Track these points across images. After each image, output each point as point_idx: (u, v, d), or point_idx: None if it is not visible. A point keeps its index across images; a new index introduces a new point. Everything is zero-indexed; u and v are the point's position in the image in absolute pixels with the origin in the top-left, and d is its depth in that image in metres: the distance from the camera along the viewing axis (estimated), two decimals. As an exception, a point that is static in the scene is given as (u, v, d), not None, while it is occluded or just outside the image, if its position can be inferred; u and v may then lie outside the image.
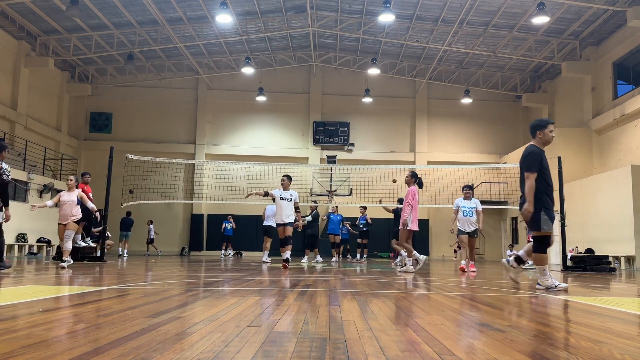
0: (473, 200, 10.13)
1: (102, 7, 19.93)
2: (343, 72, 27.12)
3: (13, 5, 19.32)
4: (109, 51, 23.08)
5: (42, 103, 23.67)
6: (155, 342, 2.19)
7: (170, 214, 25.50)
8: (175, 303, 3.78)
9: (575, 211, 18.36)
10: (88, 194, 12.78)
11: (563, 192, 12.64)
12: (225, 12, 18.08)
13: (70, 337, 2.30)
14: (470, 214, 9.93)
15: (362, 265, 12.56)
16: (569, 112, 23.14)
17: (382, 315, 3.29)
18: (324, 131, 26.83)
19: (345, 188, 23.81)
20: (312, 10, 21.67)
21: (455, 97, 26.75)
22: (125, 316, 2.96)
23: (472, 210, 9.96)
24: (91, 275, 7.07)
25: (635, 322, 3.37)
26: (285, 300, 4.05)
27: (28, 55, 22.00)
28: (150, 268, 9.76)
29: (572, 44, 21.45)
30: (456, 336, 2.55)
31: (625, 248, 16.30)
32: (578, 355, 2.09)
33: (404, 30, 22.18)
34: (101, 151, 23.66)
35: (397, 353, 2.08)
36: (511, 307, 4.04)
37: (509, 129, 27.40)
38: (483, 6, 19.56)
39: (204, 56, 25.35)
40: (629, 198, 16.21)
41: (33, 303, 3.71)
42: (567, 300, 4.87)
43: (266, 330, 2.58)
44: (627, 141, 19.00)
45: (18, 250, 18.91)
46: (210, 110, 27.02)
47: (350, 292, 5.07)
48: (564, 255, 12.52)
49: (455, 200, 10.28)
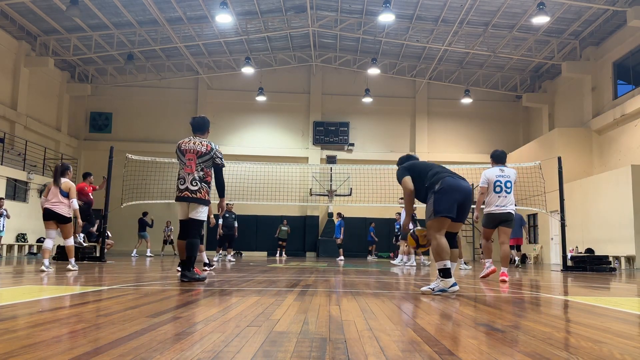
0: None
1: (102, 7, 19.93)
2: (343, 72, 27.12)
3: (13, 5, 19.32)
4: (109, 51, 23.08)
5: (42, 103, 23.67)
6: (155, 342, 2.19)
7: (171, 214, 25.48)
8: (175, 303, 3.78)
9: (575, 211, 18.35)
10: (88, 193, 12.79)
11: (563, 192, 12.62)
12: (225, 12, 18.08)
13: (70, 337, 2.30)
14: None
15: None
16: (569, 112, 23.14)
17: (382, 315, 3.29)
18: (324, 131, 26.84)
19: (345, 188, 23.82)
20: (312, 10, 21.67)
21: (455, 97, 26.75)
22: (125, 316, 2.96)
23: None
24: (91, 275, 7.07)
25: (635, 322, 3.37)
26: (285, 300, 4.05)
27: (28, 55, 22.00)
28: (150, 268, 9.75)
29: (572, 44, 21.45)
30: (456, 336, 2.55)
31: (625, 248, 16.30)
32: (578, 355, 2.09)
33: (404, 30, 22.17)
34: (101, 151, 23.65)
35: (397, 353, 2.08)
36: (511, 307, 4.04)
37: (509, 129, 27.42)
38: (483, 6, 19.55)
39: (204, 56, 25.35)
40: (629, 198, 16.21)
41: (33, 303, 3.71)
42: (567, 300, 4.87)
43: (266, 330, 2.58)
44: (627, 141, 18.99)
45: (18, 250, 18.91)
46: (210, 110, 27.00)
47: (350, 292, 5.07)
48: (564, 255, 12.51)
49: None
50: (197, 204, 5.87)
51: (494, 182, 7.33)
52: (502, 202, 7.29)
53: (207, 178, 5.92)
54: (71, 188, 8.35)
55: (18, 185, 19.08)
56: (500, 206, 7.31)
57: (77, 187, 13.00)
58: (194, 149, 5.92)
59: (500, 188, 7.30)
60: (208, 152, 5.94)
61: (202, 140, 6.04)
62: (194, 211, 5.89)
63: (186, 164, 5.89)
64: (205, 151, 5.93)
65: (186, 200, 5.86)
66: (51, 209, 8.16)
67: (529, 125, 27.15)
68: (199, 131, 6.17)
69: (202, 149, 5.92)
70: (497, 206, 7.31)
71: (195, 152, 5.90)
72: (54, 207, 8.18)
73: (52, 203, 8.19)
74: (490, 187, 7.37)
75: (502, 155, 7.62)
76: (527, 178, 15.75)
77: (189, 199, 5.85)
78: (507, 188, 7.31)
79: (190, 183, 5.85)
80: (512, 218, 7.41)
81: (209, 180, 5.95)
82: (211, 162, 5.94)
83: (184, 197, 5.85)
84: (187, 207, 5.91)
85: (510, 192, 7.33)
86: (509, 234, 7.47)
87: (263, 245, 25.13)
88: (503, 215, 7.32)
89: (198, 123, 6.19)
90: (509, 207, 7.32)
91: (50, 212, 8.17)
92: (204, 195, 5.89)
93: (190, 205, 5.90)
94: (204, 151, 5.92)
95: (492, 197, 7.35)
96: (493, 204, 7.33)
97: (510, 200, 7.34)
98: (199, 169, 5.87)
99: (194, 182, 5.84)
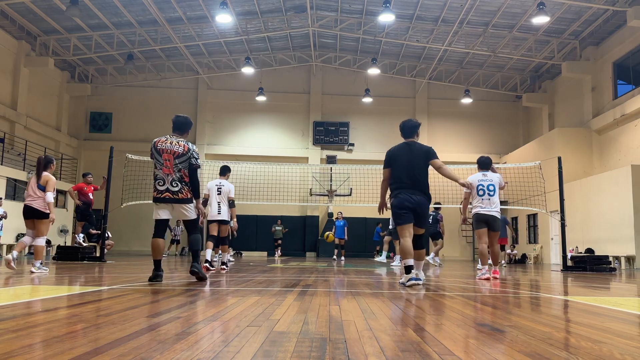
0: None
1: (102, 7, 19.94)
2: (343, 72, 27.12)
3: (13, 5, 19.32)
4: (109, 51, 23.08)
5: (42, 103, 23.68)
6: (155, 342, 2.19)
7: (170, 214, 25.52)
8: (175, 303, 3.78)
9: (575, 211, 18.35)
10: (88, 194, 12.79)
11: (563, 192, 12.62)
12: (225, 12, 18.08)
13: (70, 337, 2.29)
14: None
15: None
16: (569, 112, 23.14)
17: (382, 315, 3.29)
18: (324, 131, 26.85)
19: (345, 188, 23.81)
20: (312, 10, 21.67)
21: (455, 97, 26.75)
22: (125, 316, 2.96)
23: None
24: (91, 275, 7.06)
25: (635, 322, 3.37)
26: (285, 300, 4.05)
27: (28, 55, 22.01)
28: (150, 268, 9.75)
29: (572, 44, 21.44)
30: (456, 336, 2.55)
31: (625, 248, 16.30)
32: (578, 355, 2.09)
33: (404, 30, 22.17)
34: (101, 151, 23.67)
35: (397, 353, 2.08)
36: (511, 307, 4.04)
37: (509, 129, 27.42)
38: (483, 6, 19.55)
39: (204, 56, 25.35)
40: (629, 198, 16.20)
41: (33, 303, 3.71)
42: (567, 300, 4.87)
43: (266, 330, 2.58)
44: (627, 141, 18.99)
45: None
46: (210, 110, 27.03)
47: (350, 292, 5.07)
48: (564, 255, 12.51)
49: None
50: (182, 204, 5.87)
51: (476, 186, 7.91)
52: (486, 204, 7.86)
53: (185, 179, 5.88)
54: (49, 181, 7.72)
55: (18, 185, 19.08)
56: (485, 208, 7.86)
57: (76, 186, 13.03)
58: (171, 149, 5.83)
59: (483, 191, 7.88)
60: (185, 152, 5.85)
61: (180, 140, 5.94)
62: (182, 212, 5.91)
63: (164, 165, 5.82)
64: (182, 152, 5.84)
65: (169, 201, 5.83)
66: (29, 205, 7.60)
67: (529, 125, 27.15)
68: (178, 130, 6.06)
69: (179, 150, 5.83)
70: (481, 208, 7.88)
71: (172, 153, 5.81)
72: (31, 203, 7.60)
73: (31, 198, 7.61)
74: (473, 191, 7.96)
75: (486, 161, 8.18)
76: (527, 178, 15.76)
77: (172, 200, 5.82)
78: (490, 191, 7.86)
79: (171, 184, 5.80)
80: (497, 221, 7.92)
81: (187, 180, 5.89)
82: (187, 162, 5.84)
83: (165, 198, 5.82)
84: (170, 208, 5.91)
85: (494, 195, 7.88)
86: (497, 236, 8.03)
87: (263, 245, 25.12)
88: (489, 217, 7.83)
89: (179, 122, 6.09)
90: (494, 210, 7.86)
91: (29, 209, 7.61)
92: (186, 194, 5.86)
93: (175, 207, 5.89)
94: (180, 152, 5.83)
95: (476, 200, 7.94)
96: (478, 206, 7.91)
97: (495, 202, 7.89)
98: (176, 170, 5.80)
99: (174, 182, 5.79)
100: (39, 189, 7.65)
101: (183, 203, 5.85)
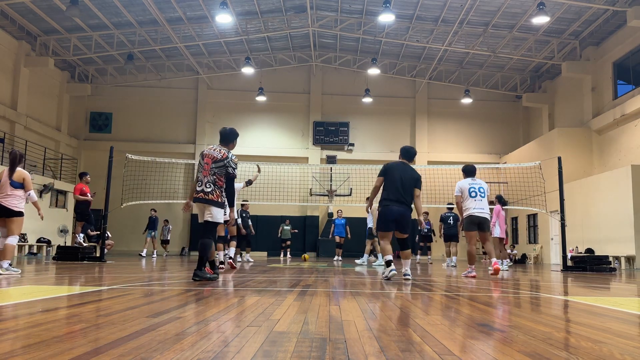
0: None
1: (102, 7, 19.94)
2: (343, 72, 27.13)
3: (13, 5, 19.32)
4: (109, 51, 23.08)
5: (42, 103, 23.67)
6: (155, 342, 2.19)
7: (170, 214, 25.48)
8: (175, 303, 3.78)
9: (575, 211, 18.35)
10: (86, 193, 12.79)
11: (563, 192, 12.62)
12: (225, 12, 18.08)
13: (70, 337, 2.29)
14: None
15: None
16: (569, 112, 23.14)
17: (382, 315, 3.29)
18: (324, 131, 26.85)
19: (345, 188, 23.81)
20: (312, 10, 21.67)
21: (455, 97, 26.75)
22: (125, 316, 2.96)
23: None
24: (91, 275, 7.07)
25: (635, 322, 3.37)
26: (285, 300, 4.05)
27: (28, 55, 22.00)
28: (150, 268, 9.75)
29: (572, 44, 21.44)
30: (456, 336, 2.55)
31: (625, 248, 16.29)
32: (578, 355, 2.09)
33: (404, 30, 22.18)
34: (101, 151, 23.68)
35: (397, 353, 2.08)
36: (511, 307, 4.04)
37: (509, 129, 27.42)
38: (483, 6, 19.55)
39: (204, 56, 25.35)
40: (629, 198, 16.20)
41: (33, 303, 3.71)
42: (567, 300, 4.87)
43: (266, 330, 2.58)
44: (627, 141, 18.99)
45: (18, 250, 18.91)
46: (210, 110, 27.03)
47: (350, 292, 5.07)
48: (564, 255, 12.51)
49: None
50: (210, 205, 6.10)
51: (467, 189, 8.42)
52: (479, 205, 8.34)
53: (218, 183, 6.15)
54: (26, 178, 7.24)
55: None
56: (479, 209, 8.31)
57: (78, 190, 12.98)
58: (212, 154, 6.22)
59: (475, 193, 8.37)
60: (222, 159, 6.19)
61: (222, 148, 6.32)
62: (207, 212, 6.13)
63: (203, 168, 6.20)
64: (220, 157, 6.20)
65: (200, 201, 6.13)
66: (1, 203, 7.06)
67: (529, 125, 27.15)
68: (223, 142, 6.45)
69: (218, 155, 6.20)
70: (475, 209, 8.30)
71: (212, 157, 6.19)
72: (2, 201, 7.06)
73: (2, 195, 7.08)
74: (465, 194, 8.42)
75: (472, 169, 8.76)
76: (527, 178, 15.76)
77: (202, 200, 6.11)
78: (481, 193, 8.39)
79: (205, 185, 6.13)
80: (488, 222, 8.48)
81: (220, 185, 6.17)
82: (224, 169, 6.18)
83: (199, 198, 6.12)
84: (202, 207, 6.17)
85: (484, 196, 8.37)
86: (488, 236, 8.59)
87: (263, 245, 25.08)
88: (482, 218, 8.30)
89: (225, 134, 6.48)
90: (485, 212, 8.36)
91: (0, 207, 7.09)
92: (217, 197, 6.11)
93: (205, 207, 6.15)
94: (219, 157, 6.19)
95: (469, 202, 8.36)
96: (472, 207, 8.31)
97: (486, 204, 8.38)
98: (211, 173, 6.13)
99: (207, 184, 6.12)
100: (12, 185, 7.14)
101: (211, 204, 6.11)
